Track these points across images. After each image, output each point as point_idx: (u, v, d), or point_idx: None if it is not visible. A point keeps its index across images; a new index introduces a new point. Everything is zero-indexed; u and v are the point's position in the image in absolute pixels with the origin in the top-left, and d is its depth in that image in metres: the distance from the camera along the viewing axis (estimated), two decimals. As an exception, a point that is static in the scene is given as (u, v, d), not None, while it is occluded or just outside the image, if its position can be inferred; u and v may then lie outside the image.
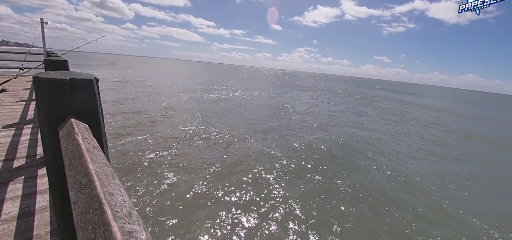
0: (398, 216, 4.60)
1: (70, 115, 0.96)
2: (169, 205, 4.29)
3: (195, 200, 4.52)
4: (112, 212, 0.46)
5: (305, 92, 28.37)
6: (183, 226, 3.83)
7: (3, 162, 2.28)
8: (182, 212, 4.13)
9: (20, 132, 3.03)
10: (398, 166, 7.09)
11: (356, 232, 4.07)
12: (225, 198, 4.65)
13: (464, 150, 10.03)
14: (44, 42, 7.21)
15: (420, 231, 4.22)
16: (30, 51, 9.23)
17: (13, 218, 1.59)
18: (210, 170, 5.73)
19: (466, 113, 24.00)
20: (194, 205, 4.38)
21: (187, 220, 3.95)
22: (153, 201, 4.36)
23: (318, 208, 4.59)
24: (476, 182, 6.69)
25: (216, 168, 5.82)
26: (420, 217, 4.67)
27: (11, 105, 4.27)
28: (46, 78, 0.92)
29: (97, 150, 0.78)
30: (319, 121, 12.46)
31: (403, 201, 5.16)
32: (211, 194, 4.73)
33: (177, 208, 4.25)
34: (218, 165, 6.00)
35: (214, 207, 4.36)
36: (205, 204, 4.42)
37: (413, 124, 14.65)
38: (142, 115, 10.07)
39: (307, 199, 4.84)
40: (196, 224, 3.88)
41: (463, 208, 5.14)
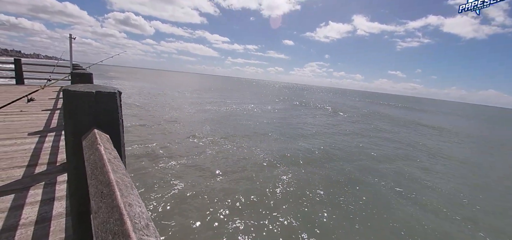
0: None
1: (94, 126, 1.01)
2: (177, 212, 4.31)
3: (204, 207, 4.53)
4: (132, 224, 0.47)
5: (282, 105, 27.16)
6: (194, 233, 3.82)
7: (26, 168, 2.40)
8: (192, 220, 4.13)
9: (44, 139, 3.21)
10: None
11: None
12: (235, 206, 4.63)
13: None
14: (71, 56, 7.75)
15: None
16: (58, 64, 9.94)
17: (31, 223, 1.65)
18: (219, 179, 5.76)
19: (482, 135, 19.96)
20: (203, 212, 4.38)
21: (198, 227, 3.95)
22: (163, 208, 4.40)
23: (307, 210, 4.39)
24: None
25: (226, 178, 5.82)
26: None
27: (37, 114, 4.56)
28: (75, 91, 0.99)
29: (117, 160, 0.81)
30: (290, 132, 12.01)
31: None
32: (222, 202, 4.71)
33: (186, 215, 4.25)
34: (229, 176, 6.00)
35: (223, 215, 4.31)
36: (214, 212, 4.40)
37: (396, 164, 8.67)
38: (154, 124, 10.36)
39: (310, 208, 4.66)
40: (207, 231, 3.86)
41: None
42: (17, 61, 9.01)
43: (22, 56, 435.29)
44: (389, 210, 5.29)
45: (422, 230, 4.69)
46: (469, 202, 6.20)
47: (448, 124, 24.82)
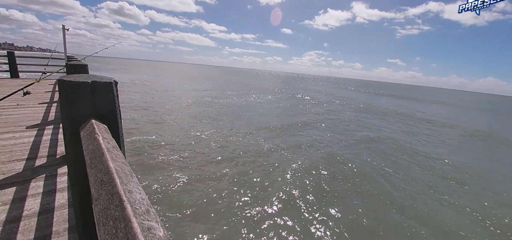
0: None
1: (91, 117, 1.00)
2: (180, 202, 4.40)
3: (207, 197, 4.63)
4: (132, 209, 0.48)
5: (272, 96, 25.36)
6: (196, 222, 3.92)
7: (26, 161, 2.41)
8: (194, 210, 4.23)
9: (42, 132, 3.20)
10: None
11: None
12: (236, 196, 4.73)
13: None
14: (65, 48, 7.60)
15: None
16: (52, 56, 9.77)
17: (34, 214, 1.67)
18: (222, 170, 5.84)
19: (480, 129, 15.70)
20: (205, 202, 4.48)
21: (200, 217, 4.05)
22: (165, 198, 4.49)
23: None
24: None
25: (228, 168, 5.90)
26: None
27: (34, 107, 4.52)
28: (70, 81, 0.97)
29: (116, 149, 0.81)
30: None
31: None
32: (223, 192, 4.81)
33: (189, 205, 4.34)
34: (231, 165, 6.08)
35: (225, 205, 4.41)
36: (216, 203, 4.50)
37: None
38: (154, 114, 10.34)
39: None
40: (209, 222, 3.96)
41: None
42: (11, 54, 8.84)
43: (15, 49, 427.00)
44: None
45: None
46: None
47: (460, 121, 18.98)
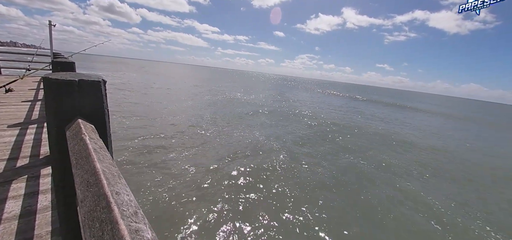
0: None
1: (78, 116, 0.97)
2: (170, 204, 4.33)
3: (200, 197, 4.58)
4: (119, 211, 0.47)
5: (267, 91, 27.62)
6: (186, 224, 3.86)
7: (7, 161, 2.30)
8: (184, 211, 4.16)
9: (25, 132, 3.07)
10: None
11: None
12: (231, 196, 4.72)
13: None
14: (51, 44, 7.34)
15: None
16: (37, 52, 9.39)
17: (14, 217, 1.60)
18: (218, 166, 5.83)
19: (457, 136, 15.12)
20: (197, 204, 4.42)
21: (190, 219, 3.99)
22: (155, 200, 4.40)
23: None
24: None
25: (225, 163, 5.87)
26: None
27: (16, 105, 4.33)
28: (56, 79, 0.94)
29: (103, 150, 0.79)
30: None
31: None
32: (216, 192, 4.77)
33: (179, 207, 4.27)
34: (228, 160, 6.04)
35: (217, 205, 4.37)
36: (207, 202, 4.46)
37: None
38: (151, 114, 10.13)
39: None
40: (200, 223, 3.91)
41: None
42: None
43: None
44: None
45: None
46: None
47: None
